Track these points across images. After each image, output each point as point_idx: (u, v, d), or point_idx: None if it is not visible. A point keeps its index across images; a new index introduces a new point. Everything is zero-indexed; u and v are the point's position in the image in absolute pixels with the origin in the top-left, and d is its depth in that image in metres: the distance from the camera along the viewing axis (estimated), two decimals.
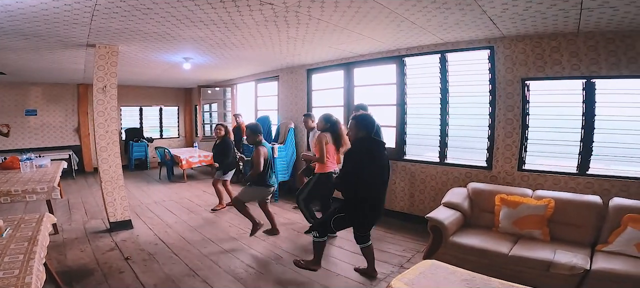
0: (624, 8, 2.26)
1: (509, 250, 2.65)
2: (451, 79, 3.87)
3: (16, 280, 1.54)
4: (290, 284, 2.78)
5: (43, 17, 2.56)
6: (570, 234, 2.74)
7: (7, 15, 2.47)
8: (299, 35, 3.39)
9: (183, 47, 3.86)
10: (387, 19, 2.82)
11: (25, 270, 1.66)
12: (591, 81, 3.03)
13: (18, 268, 1.66)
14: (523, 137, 3.43)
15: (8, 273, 1.61)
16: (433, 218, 2.97)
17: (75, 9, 2.41)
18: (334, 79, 5.07)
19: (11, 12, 2.42)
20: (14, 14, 2.46)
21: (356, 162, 2.56)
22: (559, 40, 3.08)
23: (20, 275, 1.59)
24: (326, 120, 3.55)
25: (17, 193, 3.34)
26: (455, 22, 2.88)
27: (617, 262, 2.30)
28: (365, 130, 2.62)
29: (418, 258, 3.13)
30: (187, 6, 2.44)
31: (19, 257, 1.81)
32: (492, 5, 2.42)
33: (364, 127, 2.62)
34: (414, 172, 4.20)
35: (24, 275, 1.59)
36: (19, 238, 2.10)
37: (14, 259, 1.78)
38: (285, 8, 2.53)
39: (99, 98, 3.66)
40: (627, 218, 2.53)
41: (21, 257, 1.81)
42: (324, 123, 3.55)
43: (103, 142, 3.74)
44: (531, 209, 2.89)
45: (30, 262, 1.75)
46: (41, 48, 3.65)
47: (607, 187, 2.96)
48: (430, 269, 2.28)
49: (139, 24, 2.87)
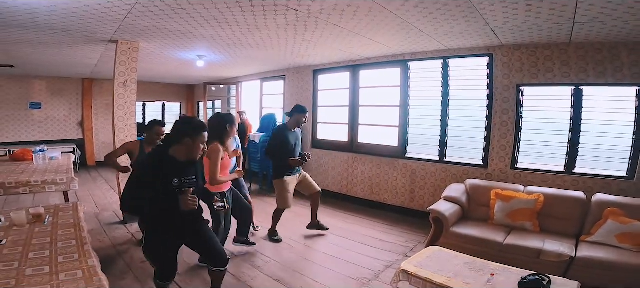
0: (612, 23, 2.56)
1: (503, 239, 2.94)
2: (452, 83, 4.16)
3: (80, 264, 1.63)
4: (302, 272, 3.01)
5: (81, 12, 2.71)
6: (557, 226, 3.05)
7: (48, 9, 2.62)
8: (313, 38, 3.62)
9: (200, 45, 4.04)
10: (399, 26, 3.08)
11: (84, 254, 1.74)
12: (579, 88, 3.35)
13: (76, 253, 1.75)
14: (516, 138, 3.74)
15: (68, 258, 1.69)
16: (435, 210, 3.25)
17: (115, 6, 2.58)
18: (340, 80, 5.31)
19: (54, 7, 2.57)
20: (56, 9, 2.61)
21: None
22: (552, 49, 3.39)
23: (82, 259, 1.68)
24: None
25: (36, 184, 3.41)
26: (460, 31, 3.16)
27: (599, 251, 2.60)
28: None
29: (420, 248, 3.39)
30: (219, 8, 2.64)
31: (72, 241, 1.90)
32: (495, 18, 2.70)
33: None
34: (414, 169, 4.47)
35: (85, 259, 1.68)
36: (62, 225, 2.18)
37: (68, 244, 1.86)
38: (308, 14, 2.77)
39: (119, 92, 3.82)
40: (608, 212, 2.85)
41: (74, 243, 1.89)
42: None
43: (122, 135, 3.90)
44: (523, 203, 3.19)
45: (85, 247, 1.84)
46: (64, 43, 3.79)
47: (590, 184, 3.28)
48: (435, 254, 2.55)
49: (168, 22, 3.04)
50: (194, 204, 1.87)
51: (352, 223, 4.26)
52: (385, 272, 2.94)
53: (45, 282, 1.44)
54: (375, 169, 4.87)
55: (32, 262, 1.62)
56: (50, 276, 1.49)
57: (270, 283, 2.71)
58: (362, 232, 3.92)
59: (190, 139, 1.86)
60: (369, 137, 5.07)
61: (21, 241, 1.89)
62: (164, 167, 1.86)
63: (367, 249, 3.45)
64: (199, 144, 1.90)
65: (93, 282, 1.46)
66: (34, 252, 1.74)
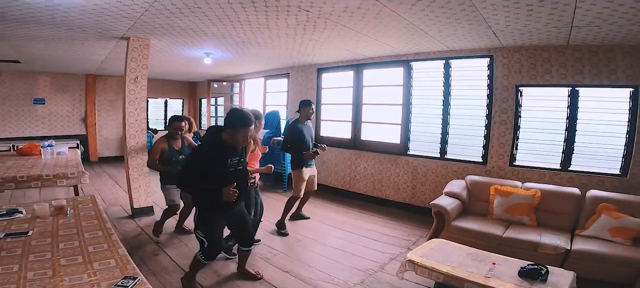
0: (608, 27, 2.70)
1: (502, 232, 3.08)
2: (453, 83, 4.29)
3: (111, 253, 1.66)
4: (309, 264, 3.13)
5: (100, 9, 2.76)
6: (553, 220, 3.20)
7: (66, 6, 2.67)
8: (320, 38, 3.72)
9: (209, 43, 4.12)
10: (405, 28, 3.20)
11: (113, 243, 1.77)
12: (575, 89, 3.50)
13: (105, 243, 1.78)
14: (515, 137, 3.88)
15: (98, 248, 1.71)
16: (437, 205, 3.39)
17: (134, 3, 2.64)
18: (344, 78, 5.42)
19: (73, 4, 2.63)
20: (75, 6, 2.67)
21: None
22: (550, 51, 3.53)
23: (112, 249, 1.71)
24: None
25: (48, 178, 3.43)
26: (463, 33, 3.28)
27: (593, 244, 2.75)
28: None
29: (422, 242, 3.49)
30: (234, 7, 2.72)
31: (98, 232, 1.93)
32: (497, 21, 2.82)
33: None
34: (416, 166, 4.61)
35: (115, 248, 1.71)
36: (85, 217, 2.19)
37: (94, 235, 1.89)
38: (319, 15, 2.87)
39: (130, 88, 3.91)
40: (601, 207, 3.00)
41: (100, 233, 1.92)
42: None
43: (132, 130, 3.99)
44: (521, 198, 3.34)
45: (112, 237, 1.87)
46: (76, 39, 3.86)
47: (585, 181, 3.43)
48: (439, 246, 2.69)
49: (182, 20, 3.12)
50: (234, 195, 2.14)
51: (356, 218, 4.39)
52: (390, 264, 3.07)
53: (81, 271, 1.47)
54: (378, 166, 4.99)
55: (63, 252, 1.65)
56: (85, 265, 1.53)
57: (280, 275, 2.82)
58: (365, 227, 4.05)
59: (238, 127, 2.17)
60: (371, 135, 5.19)
61: (47, 232, 1.92)
62: (217, 150, 2.19)
63: (372, 242, 3.58)
64: (245, 132, 2.20)
65: (127, 269, 1.50)
66: (63, 243, 1.77)
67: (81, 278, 1.40)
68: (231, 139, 2.20)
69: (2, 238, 1.78)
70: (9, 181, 3.29)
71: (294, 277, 2.79)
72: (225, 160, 2.20)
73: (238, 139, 2.20)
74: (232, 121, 2.19)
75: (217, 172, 2.18)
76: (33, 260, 1.56)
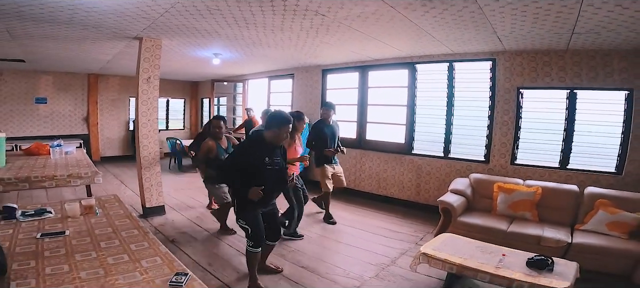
0: (606, 34, 2.88)
1: (507, 227, 3.25)
2: (457, 85, 4.45)
3: (154, 251, 1.68)
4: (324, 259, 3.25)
5: (122, 9, 2.82)
6: (554, 216, 3.38)
7: (88, 6, 2.72)
8: (331, 40, 3.84)
9: (219, 43, 4.20)
10: (414, 32, 3.33)
11: (152, 241, 1.80)
12: (574, 91, 3.68)
13: (144, 241, 1.80)
14: (516, 137, 4.06)
15: (139, 246, 1.74)
16: (444, 202, 3.54)
17: (156, 5, 2.70)
18: (349, 79, 5.54)
19: (94, 5, 2.69)
20: (98, 6, 2.72)
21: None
22: (551, 55, 3.71)
23: (154, 247, 1.74)
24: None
25: (62, 178, 3.44)
26: (469, 38, 3.44)
27: (592, 238, 2.93)
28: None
29: (429, 238, 3.66)
30: (253, 10, 2.81)
31: (134, 231, 1.95)
32: (503, 27, 2.98)
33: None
34: (420, 165, 4.76)
35: (156, 246, 1.74)
36: (114, 216, 2.22)
37: (131, 233, 1.91)
38: (334, 19, 2.99)
39: (143, 88, 3.97)
40: (598, 203, 3.19)
41: (136, 232, 1.94)
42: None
43: (145, 130, 4.05)
44: (523, 195, 3.51)
45: (149, 235, 1.89)
46: (88, 38, 3.90)
47: (582, 178, 3.62)
48: (449, 239, 2.84)
49: (199, 22, 3.18)
50: (258, 196, 2.30)
51: (363, 215, 4.52)
52: (401, 258, 3.21)
53: (131, 269, 1.48)
54: (383, 165, 5.13)
55: (107, 251, 1.66)
56: (133, 263, 1.53)
57: (297, 270, 2.93)
58: (373, 224, 4.19)
59: (277, 128, 2.37)
60: (376, 134, 5.33)
61: (84, 232, 1.92)
62: (257, 147, 2.40)
63: (381, 239, 3.71)
64: (287, 129, 2.41)
65: (174, 266, 1.52)
66: (103, 242, 1.77)
67: (134, 276, 1.42)
68: (274, 137, 2.39)
69: (39, 238, 1.79)
70: (23, 181, 3.29)
71: (311, 272, 2.90)
72: (262, 158, 2.37)
73: (281, 136, 2.40)
74: (274, 120, 2.40)
75: (252, 167, 2.33)
76: (80, 259, 1.56)
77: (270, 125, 2.41)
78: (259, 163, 2.35)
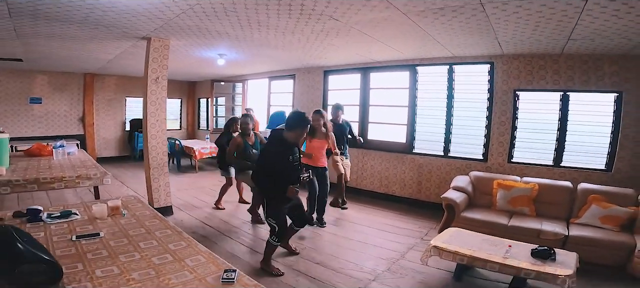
0: (599, 40, 3.09)
1: (508, 221, 3.44)
2: (457, 87, 4.64)
3: (194, 250, 1.71)
4: (336, 255, 3.37)
5: (141, 9, 2.84)
6: (550, 210, 3.59)
7: (106, 5, 2.73)
8: (338, 43, 3.95)
9: (225, 44, 4.23)
10: (419, 37, 3.48)
11: (189, 240, 1.83)
12: (567, 93, 3.91)
13: (182, 241, 1.82)
14: (512, 136, 4.27)
15: (178, 245, 1.75)
16: (447, 198, 3.71)
17: (175, 5, 2.72)
18: (351, 80, 5.67)
19: (114, 5, 2.71)
20: (117, 5, 2.74)
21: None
22: (546, 59, 3.93)
23: (192, 246, 1.76)
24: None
25: (71, 179, 3.41)
26: (471, 43, 3.61)
27: (586, 231, 3.14)
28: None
29: (433, 233, 3.83)
30: (269, 13, 2.86)
31: (167, 231, 1.95)
32: (505, 33, 3.16)
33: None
34: (421, 163, 4.93)
35: (194, 245, 1.77)
36: (142, 216, 2.21)
37: (165, 233, 1.92)
38: (345, 23, 3.10)
39: (152, 88, 3.98)
40: (591, 198, 3.41)
41: (169, 232, 1.94)
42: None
43: (153, 130, 4.07)
44: (521, 191, 3.71)
45: (183, 234, 1.91)
46: (96, 38, 3.87)
47: (575, 175, 3.85)
48: (456, 233, 3.00)
49: (213, 23, 3.22)
50: (295, 194, 2.66)
51: (369, 213, 4.66)
52: (409, 253, 3.36)
53: (178, 268, 1.48)
54: (385, 164, 5.29)
55: (149, 252, 1.66)
56: (179, 263, 1.54)
57: (312, 266, 3.03)
58: (379, 220, 4.33)
59: (300, 129, 2.65)
60: (378, 134, 5.48)
61: (118, 233, 1.91)
62: (282, 149, 2.63)
63: (388, 235, 3.85)
64: (303, 132, 2.70)
65: (218, 263, 1.54)
66: (142, 243, 1.77)
67: (184, 275, 1.43)
68: (296, 137, 2.65)
69: (75, 240, 1.77)
70: (31, 182, 3.24)
71: (325, 268, 3.00)
72: (287, 157, 2.64)
73: (302, 136, 2.68)
74: (296, 121, 2.64)
75: (282, 167, 2.60)
76: (125, 260, 1.55)
77: (292, 126, 2.64)
78: (286, 163, 2.62)
